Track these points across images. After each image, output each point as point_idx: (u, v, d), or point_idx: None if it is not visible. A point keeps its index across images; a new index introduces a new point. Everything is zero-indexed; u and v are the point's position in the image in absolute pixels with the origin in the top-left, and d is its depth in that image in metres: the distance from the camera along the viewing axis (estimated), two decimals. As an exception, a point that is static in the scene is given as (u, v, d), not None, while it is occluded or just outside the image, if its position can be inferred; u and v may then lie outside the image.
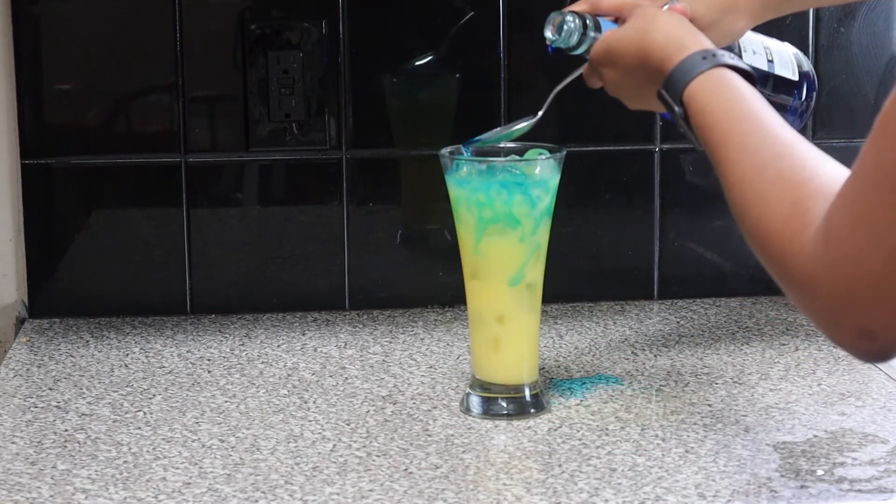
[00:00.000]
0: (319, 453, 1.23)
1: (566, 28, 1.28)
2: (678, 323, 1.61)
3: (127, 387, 1.41)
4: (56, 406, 1.36)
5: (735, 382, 1.40)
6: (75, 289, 1.63)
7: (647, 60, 1.19)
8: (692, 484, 1.15)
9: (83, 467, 1.21)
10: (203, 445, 1.25)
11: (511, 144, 1.34)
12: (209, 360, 1.49)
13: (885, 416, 1.30)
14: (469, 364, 1.41)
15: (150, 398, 1.38)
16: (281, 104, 1.62)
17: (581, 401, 1.35)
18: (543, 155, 1.31)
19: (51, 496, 1.15)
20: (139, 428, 1.30)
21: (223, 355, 1.50)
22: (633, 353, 1.50)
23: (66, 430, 1.29)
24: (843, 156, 1.81)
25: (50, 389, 1.40)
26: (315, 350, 1.52)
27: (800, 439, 1.25)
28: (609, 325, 1.60)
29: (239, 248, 1.65)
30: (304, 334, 1.57)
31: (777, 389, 1.38)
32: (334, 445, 1.25)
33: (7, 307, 1.64)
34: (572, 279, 1.68)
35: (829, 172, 0.98)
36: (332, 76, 1.62)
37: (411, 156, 1.66)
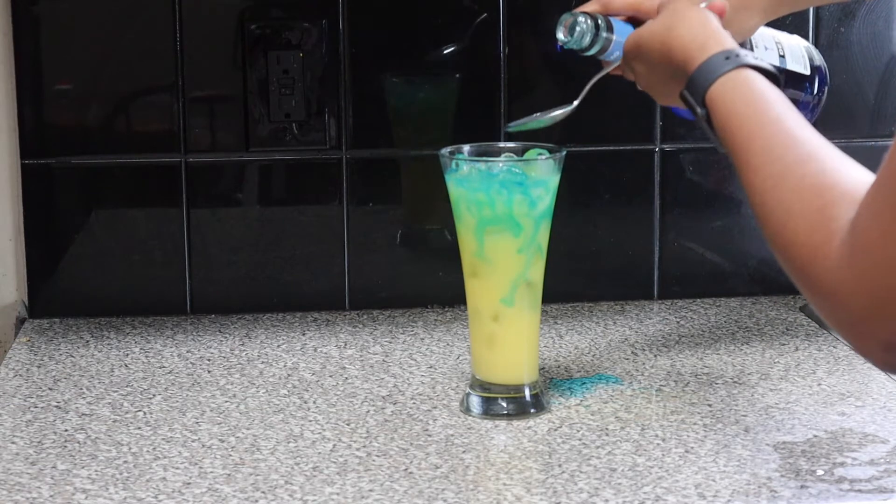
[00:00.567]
0: (319, 453, 1.23)
1: (578, 29, 1.27)
2: (678, 323, 1.61)
3: (127, 387, 1.41)
4: (56, 406, 1.36)
5: (735, 382, 1.40)
6: (75, 289, 1.63)
7: (671, 58, 1.18)
8: (692, 484, 1.15)
9: (83, 467, 1.21)
10: (203, 445, 1.25)
11: (511, 144, 1.34)
12: (209, 360, 1.49)
13: (885, 416, 1.30)
14: (469, 364, 1.41)
15: (150, 398, 1.38)
16: (281, 104, 1.62)
17: (581, 401, 1.35)
18: (543, 155, 1.31)
19: (51, 496, 1.15)
20: (139, 428, 1.30)
21: (223, 355, 1.50)
22: (633, 353, 1.50)
23: (66, 430, 1.29)
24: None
25: (50, 389, 1.40)
26: (315, 350, 1.52)
27: (800, 439, 1.25)
28: (609, 325, 1.60)
29: (239, 248, 1.65)
30: (304, 334, 1.57)
31: (777, 389, 1.38)
32: (334, 445, 1.25)
33: (7, 307, 1.64)
34: (572, 279, 1.68)
35: (854, 177, 0.96)
36: (332, 76, 1.62)
37: (411, 156, 1.66)
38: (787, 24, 1.62)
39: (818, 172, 0.97)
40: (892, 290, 0.88)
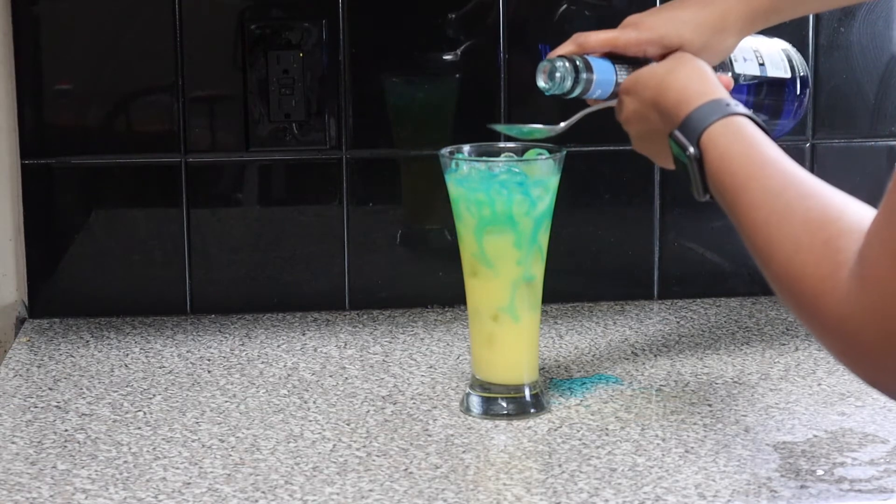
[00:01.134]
0: (319, 453, 1.23)
1: (558, 75, 1.28)
2: (678, 323, 1.61)
3: (127, 387, 1.41)
4: (56, 406, 1.36)
5: (735, 382, 1.40)
6: (75, 289, 1.63)
7: (665, 98, 1.19)
8: (692, 484, 1.15)
9: (83, 467, 1.21)
10: (203, 445, 1.25)
11: (511, 144, 1.34)
12: (209, 360, 1.49)
13: (885, 416, 1.30)
14: (469, 364, 1.41)
15: (150, 398, 1.38)
16: (281, 104, 1.62)
17: (581, 401, 1.35)
18: (543, 155, 1.31)
19: (51, 496, 1.15)
20: (139, 428, 1.30)
21: (223, 355, 1.50)
22: (633, 353, 1.50)
23: (66, 430, 1.29)
24: (844, 156, 1.81)
25: (50, 389, 1.40)
26: (315, 350, 1.52)
27: (800, 439, 1.25)
28: (609, 325, 1.60)
29: (239, 248, 1.65)
30: (304, 334, 1.57)
31: (777, 389, 1.38)
32: (334, 445, 1.25)
33: (7, 307, 1.64)
34: (572, 279, 1.68)
35: (856, 210, 0.95)
36: (332, 76, 1.62)
37: (411, 156, 1.66)
38: (787, 24, 1.62)
39: (821, 206, 0.97)
40: None
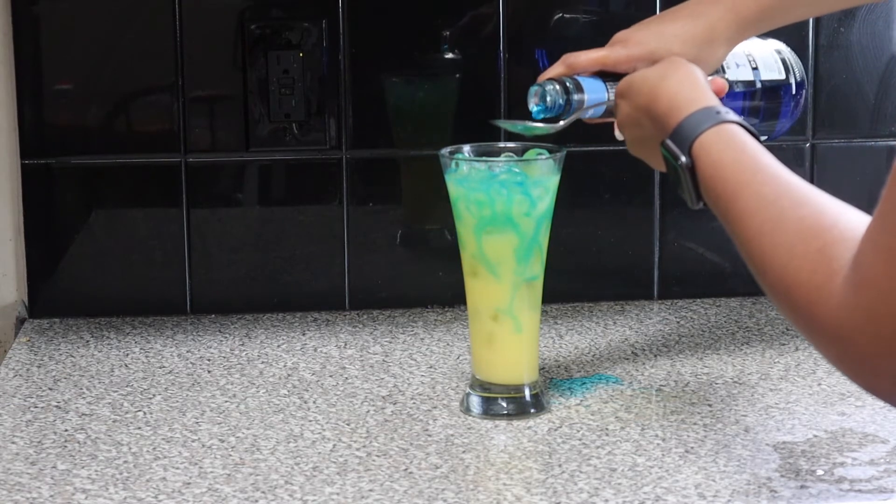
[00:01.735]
0: (319, 453, 1.23)
1: (549, 98, 1.28)
2: (678, 323, 1.61)
3: (127, 387, 1.41)
4: (56, 406, 1.36)
5: (735, 382, 1.40)
6: (75, 289, 1.63)
7: (657, 105, 1.18)
8: (692, 484, 1.15)
9: (83, 467, 1.21)
10: (203, 445, 1.25)
11: (510, 144, 1.34)
12: (209, 360, 1.49)
13: (885, 416, 1.30)
14: (469, 364, 1.41)
15: (150, 398, 1.38)
16: (281, 104, 1.62)
17: (581, 401, 1.35)
18: (543, 155, 1.31)
19: (51, 496, 1.15)
20: (139, 428, 1.30)
21: (223, 355, 1.51)
22: (633, 353, 1.50)
23: (66, 430, 1.29)
24: (844, 156, 1.81)
25: (50, 389, 1.40)
26: (315, 350, 1.52)
27: (800, 439, 1.25)
28: (609, 325, 1.60)
29: (239, 248, 1.65)
30: (304, 334, 1.57)
31: (777, 389, 1.38)
32: (334, 445, 1.25)
33: (7, 307, 1.64)
34: (572, 279, 1.68)
35: (850, 217, 0.95)
36: (332, 76, 1.62)
37: (411, 156, 1.66)
38: (786, 25, 1.62)
39: (815, 214, 0.97)
40: None
